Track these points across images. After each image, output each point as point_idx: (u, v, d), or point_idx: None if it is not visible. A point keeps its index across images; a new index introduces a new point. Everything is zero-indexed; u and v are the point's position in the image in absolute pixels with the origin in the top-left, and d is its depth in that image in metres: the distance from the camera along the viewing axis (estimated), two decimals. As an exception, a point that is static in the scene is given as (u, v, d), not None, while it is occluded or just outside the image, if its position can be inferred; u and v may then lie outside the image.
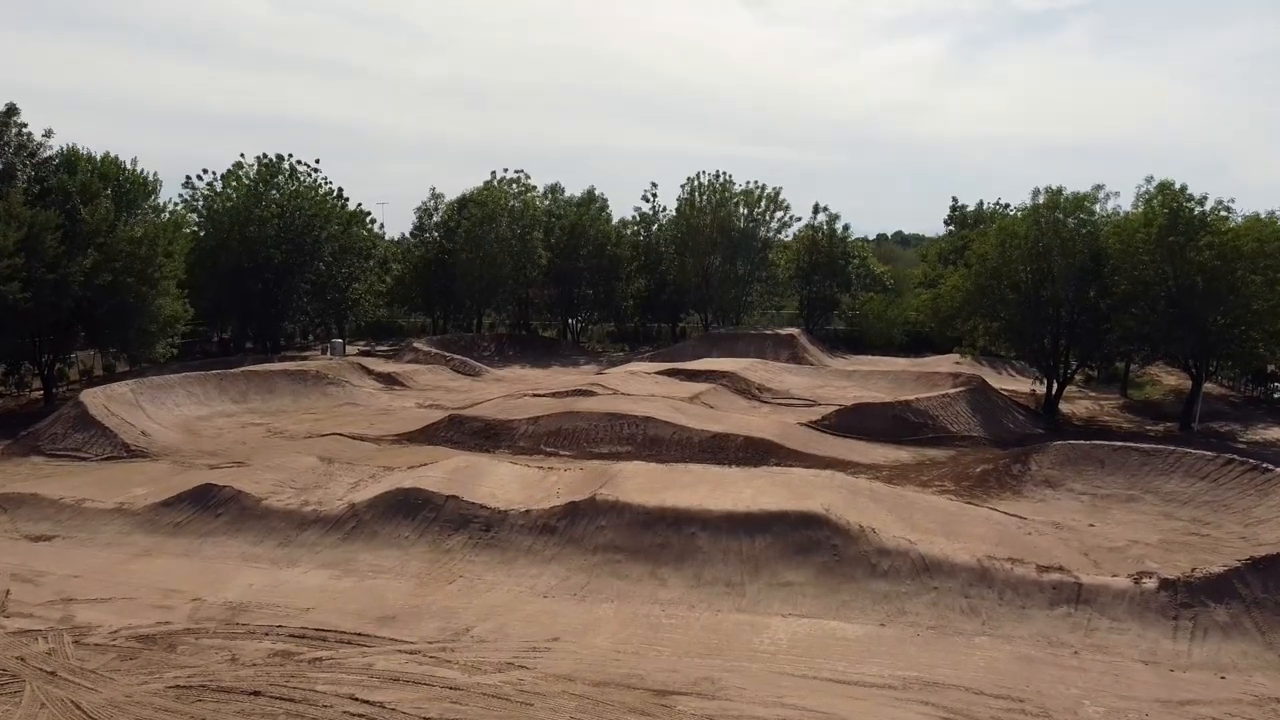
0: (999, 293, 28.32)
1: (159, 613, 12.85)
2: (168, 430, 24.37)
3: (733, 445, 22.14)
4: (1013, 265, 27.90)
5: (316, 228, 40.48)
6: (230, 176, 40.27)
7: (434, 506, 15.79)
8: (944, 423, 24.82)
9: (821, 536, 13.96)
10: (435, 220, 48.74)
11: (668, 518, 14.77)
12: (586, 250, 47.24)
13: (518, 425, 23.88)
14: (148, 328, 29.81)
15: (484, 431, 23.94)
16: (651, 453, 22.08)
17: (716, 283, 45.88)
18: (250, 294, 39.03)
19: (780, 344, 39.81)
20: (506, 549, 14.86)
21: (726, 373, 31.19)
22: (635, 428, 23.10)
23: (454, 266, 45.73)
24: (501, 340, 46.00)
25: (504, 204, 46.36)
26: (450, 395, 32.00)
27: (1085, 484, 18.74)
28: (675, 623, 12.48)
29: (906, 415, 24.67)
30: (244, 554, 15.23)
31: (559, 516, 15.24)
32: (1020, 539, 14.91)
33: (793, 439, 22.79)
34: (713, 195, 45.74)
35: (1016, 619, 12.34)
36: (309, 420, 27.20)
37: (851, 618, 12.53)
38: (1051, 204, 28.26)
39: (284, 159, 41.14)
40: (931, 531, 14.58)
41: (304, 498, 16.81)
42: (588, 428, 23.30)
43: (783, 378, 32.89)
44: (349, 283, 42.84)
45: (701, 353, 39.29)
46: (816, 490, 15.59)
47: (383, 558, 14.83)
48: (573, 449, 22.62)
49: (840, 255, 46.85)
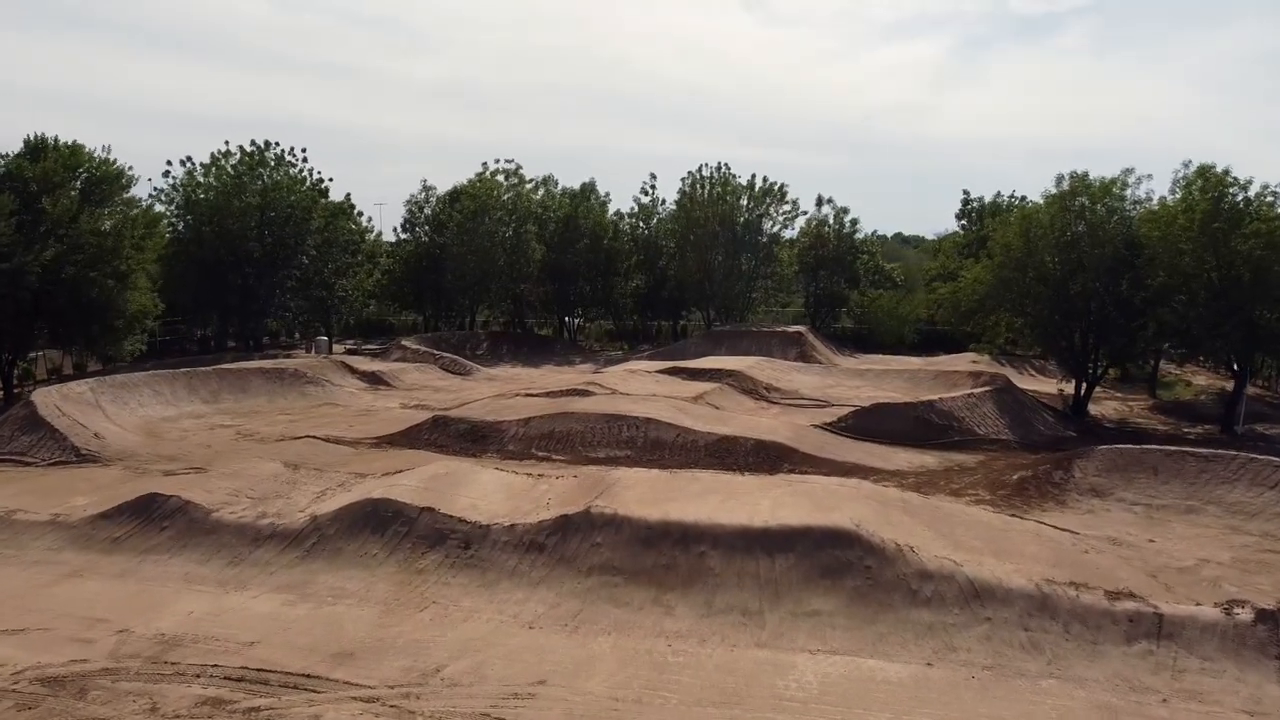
0: (1024, 285, 26.42)
1: (76, 648, 10.91)
2: (126, 432, 22.42)
3: (742, 449, 20.22)
4: (1039, 256, 26.01)
5: (299, 220, 38.51)
6: (212, 164, 38.28)
7: (406, 520, 13.86)
8: (970, 425, 22.91)
9: (852, 556, 12.04)
10: (426, 214, 46.74)
11: (673, 534, 12.85)
12: (582, 244, 45.27)
13: (507, 427, 21.96)
14: (113, 323, 27.84)
15: (470, 434, 22.01)
16: (653, 457, 20.17)
17: (719, 279, 43.96)
18: (230, 289, 37.07)
19: (787, 342, 37.87)
20: (488, 569, 12.93)
21: (732, 371, 29.30)
22: (635, 430, 21.18)
23: (445, 261, 43.78)
24: (494, 338, 44.06)
25: (496, 196, 44.42)
26: (437, 395, 30.06)
27: (1137, 493, 16.83)
28: (684, 661, 10.55)
29: (930, 417, 22.75)
30: (187, 574, 13.29)
31: (548, 532, 13.32)
32: (1078, 558, 12.99)
33: (807, 442, 20.88)
34: (714, 188, 43.82)
35: (1088, 657, 10.43)
36: (284, 421, 25.26)
37: (892, 655, 10.61)
38: (1077, 190, 26.36)
39: (269, 146, 39.21)
40: (977, 550, 12.66)
41: (261, 509, 14.87)
42: (583, 430, 21.38)
43: (791, 377, 30.97)
44: (335, 278, 40.86)
45: (704, 351, 37.36)
46: (843, 501, 13.67)
47: (346, 579, 12.89)
48: (567, 453, 20.70)
49: (848, 250, 44.89)
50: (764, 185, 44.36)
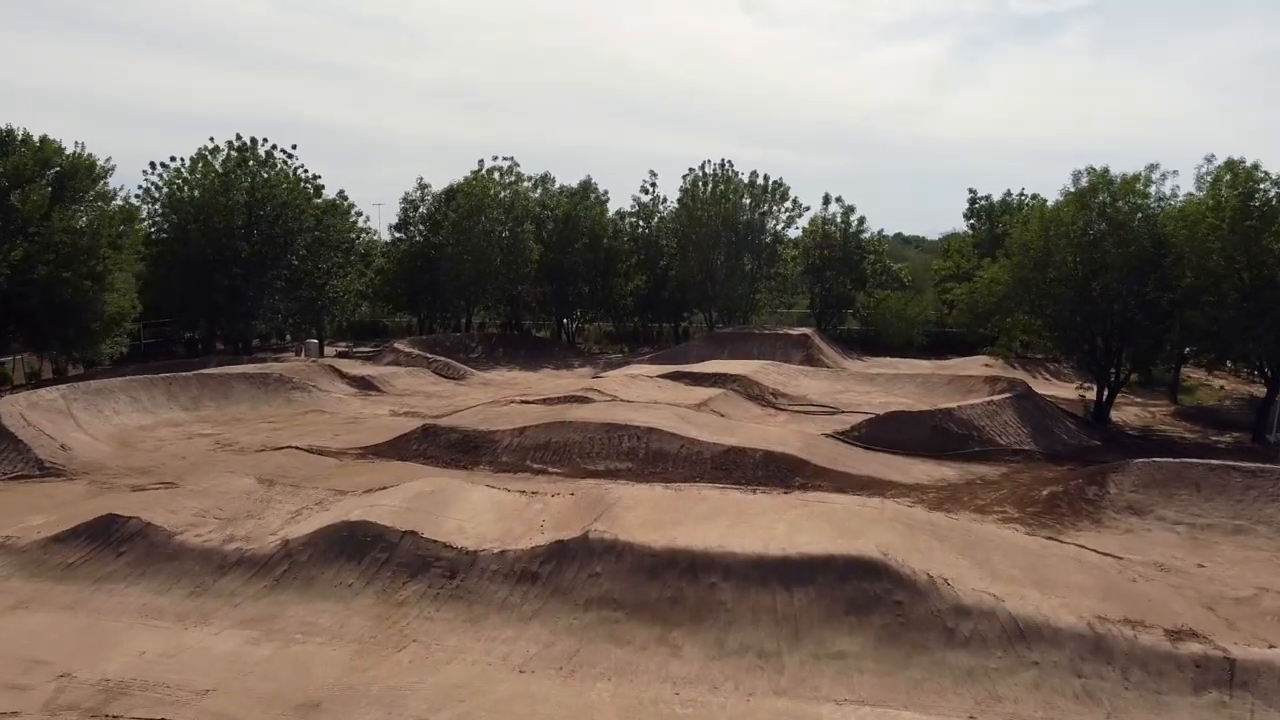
0: (1043, 286, 25.20)
1: (9, 697, 9.68)
2: (98, 443, 21.17)
3: (750, 461, 19.00)
4: (1059, 255, 24.78)
5: (289, 218, 37.24)
6: (198, 161, 37.01)
7: (387, 545, 12.62)
8: (991, 434, 21.69)
9: (880, 590, 10.81)
10: (421, 212, 45.47)
11: (680, 562, 11.62)
12: (581, 244, 43.99)
13: (501, 437, 20.72)
14: (90, 326, 26.61)
15: (462, 444, 20.78)
16: (655, 470, 18.95)
17: (721, 279, 42.70)
18: (216, 290, 35.78)
19: (792, 345, 36.64)
20: (475, 602, 11.70)
21: (737, 376, 28.08)
22: (636, 440, 19.95)
23: (440, 262, 42.50)
24: (491, 340, 42.79)
25: (493, 195, 43.15)
26: (429, 401, 28.82)
27: (1179, 511, 15.61)
28: (693, 713, 9.34)
29: (948, 426, 21.52)
30: (144, 606, 12.05)
31: (542, 559, 12.09)
32: (1126, 588, 11.76)
33: (820, 454, 19.65)
34: (716, 186, 42.55)
35: (1152, 709, 9.21)
36: (266, 430, 24.02)
37: (929, 705, 9.39)
38: (1097, 186, 25.14)
39: (258, 143, 37.95)
40: (1017, 580, 11.43)
41: (229, 531, 13.63)
42: (582, 440, 20.15)
43: (798, 381, 29.76)
44: (326, 279, 39.60)
45: (707, 354, 36.14)
46: (866, 525, 12.44)
47: (317, 612, 11.66)
48: (564, 465, 19.48)
49: (855, 250, 43.63)
50: (766, 183, 43.12)
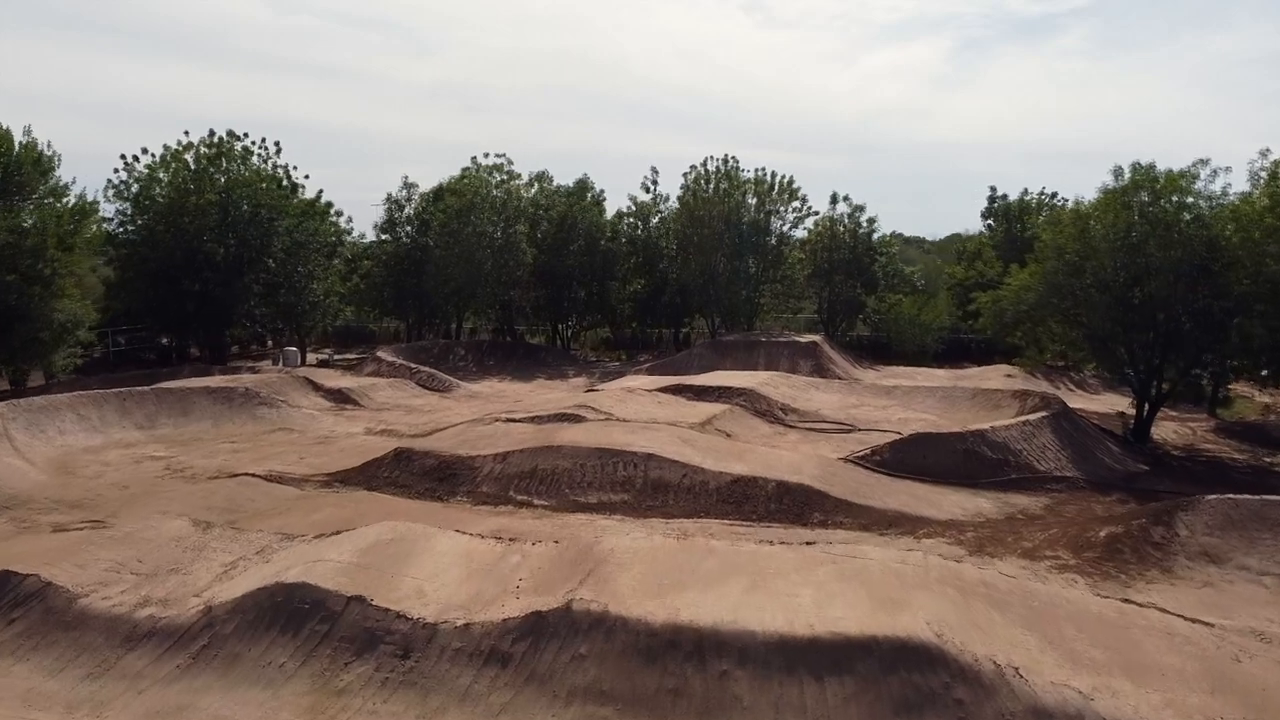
0: (1079, 293, 23.01)
1: None
2: (31, 469, 18.98)
3: (761, 494, 16.80)
4: (1098, 259, 22.59)
5: (265, 219, 35.05)
6: (169, 157, 34.80)
7: (328, 615, 10.43)
8: (1028, 458, 19.49)
9: (936, 684, 8.62)
10: (407, 213, 43.25)
11: (684, 643, 9.43)
12: (577, 246, 41.78)
13: (481, 464, 18.53)
14: (38, 335, 24.42)
15: (437, 471, 18.59)
16: (654, 503, 16.77)
17: (724, 283, 40.50)
18: (187, 295, 33.60)
19: (801, 353, 34.44)
20: (432, 690, 9.51)
21: (743, 390, 25.87)
22: (633, 468, 17.75)
23: (427, 265, 40.29)
24: (481, 348, 40.60)
25: (485, 193, 40.95)
26: (409, 417, 26.61)
27: (1263, 559, 13.40)
28: None
29: (981, 449, 19.33)
30: (29, 693, 9.86)
31: (516, 636, 9.89)
32: (1234, 674, 9.56)
33: (840, 483, 17.45)
34: (719, 183, 40.36)
35: None
36: (226, 451, 21.83)
37: None
38: (1140, 183, 22.94)
39: (236, 137, 35.74)
40: (1102, 667, 9.23)
41: (145, 592, 11.44)
42: (571, 468, 17.95)
43: (809, 395, 27.55)
44: (306, 283, 37.40)
45: (709, 364, 33.95)
46: (910, 590, 10.24)
47: (238, 703, 9.47)
48: (551, 496, 17.29)
49: (865, 252, 41.42)
50: (772, 180, 40.93)
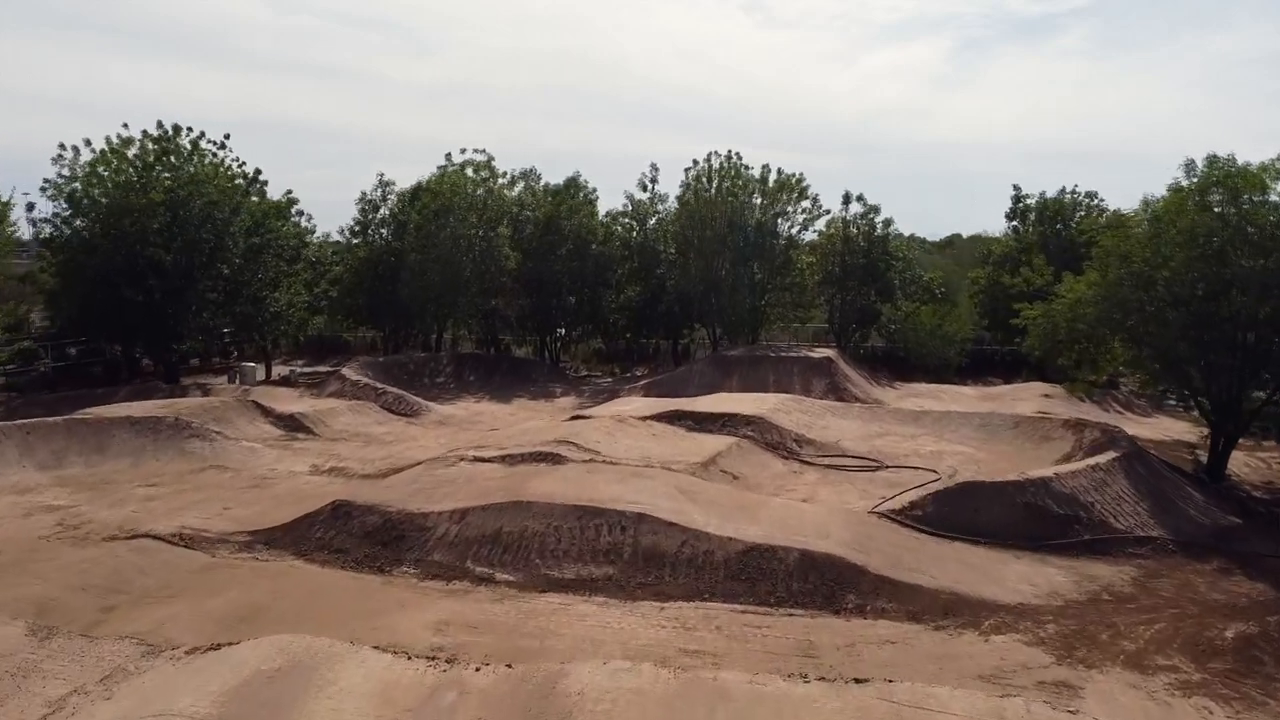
0: (1150, 308, 19.58)
1: None
2: (-117, 530, 15.50)
3: (781, 568, 13.36)
4: (1172, 269, 19.16)
5: (219, 221, 31.56)
6: (109, 153, 31.30)
7: (150, 821, 6.97)
8: (1102, 514, 16.03)
9: None
10: (383, 214, 39.76)
11: None
12: (565, 250, 38.23)
13: (434, 523, 15.08)
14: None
15: (381, 533, 15.13)
16: (647, 579, 13.34)
17: (727, 290, 37.02)
18: (129, 306, 30.11)
19: (813, 370, 30.96)
20: None
21: (751, 418, 22.43)
22: (621, 532, 14.30)
23: (401, 271, 36.80)
24: (461, 362, 37.10)
25: (465, 192, 37.45)
26: (366, 450, 23.14)
27: None
28: None
29: (1045, 502, 15.87)
30: None
31: None
32: None
33: (877, 551, 14.01)
34: (723, 181, 36.87)
35: None
36: (140, 498, 18.37)
37: None
38: (1216, 180, 19.51)
39: (181, 131, 32.25)
40: None
41: (-89, 763, 7.98)
42: (544, 531, 14.49)
43: (827, 422, 24.11)
44: (267, 290, 33.92)
45: (711, 382, 30.55)
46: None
47: None
48: (517, 568, 13.84)
49: (880, 257, 37.89)
50: (779, 178, 37.43)
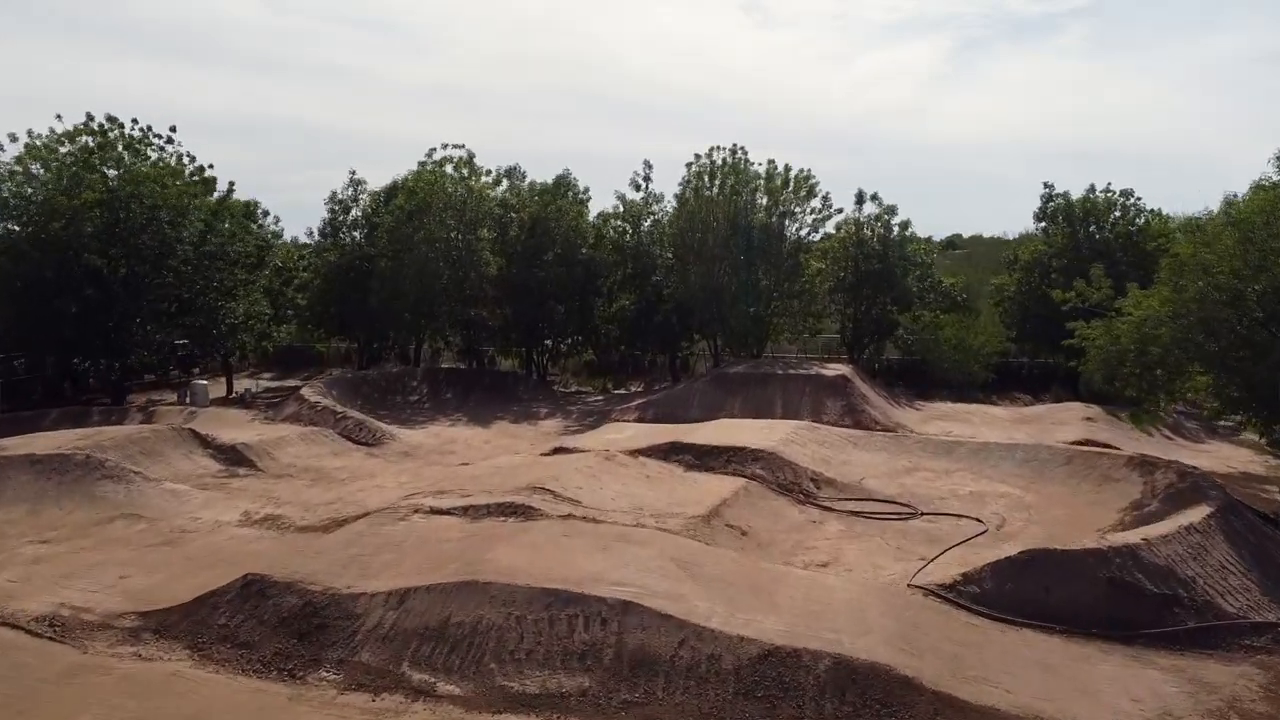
0: (1241, 329, 16.43)
1: None
2: None
3: (810, 681, 10.18)
4: (1268, 282, 16.02)
5: (164, 225, 28.39)
6: (40, 149, 28.16)
7: None
8: (1205, 591, 12.84)
9: None
10: (354, 215, 36.56)
11: None
12: (553, 255, 35.00)
13: (367, 609, 11.90)
14: None
15: (299, 620, 11.94)
16: (633, 696, 10.18)
17: (729, 298, 33.87)
18: (62, 319, 26.94)
19: (826, 390, 27.73)
20: None
21: (760, 453, 19.29)
22: (601, 627, 11.12)
23: (372, 278, 33.60)
24: (438, 377, 33.93)
25: (443, 191, 34.26)
26: (312, 490, 19.93)
27: None
28: None
29: (1135, 577, 12.69)
30: None
31: None
32: None
33: (930, 650, 10.83)
34: (725, 179, 33.71)
35: None
36: (25, 560, 15.20)
37: None
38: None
39: (117, 125, 29.09)
40: None
41: None
42: (503, 624, 11.31)
43: (847, 456, 20.96)
44: (221, 301, 30.75)
45: (713, 403, 27.39)
46: None
47: None
48: (467, 678, 10.67)
49: (897, 261, 34.71)
50: (786, 176, 34.26)
